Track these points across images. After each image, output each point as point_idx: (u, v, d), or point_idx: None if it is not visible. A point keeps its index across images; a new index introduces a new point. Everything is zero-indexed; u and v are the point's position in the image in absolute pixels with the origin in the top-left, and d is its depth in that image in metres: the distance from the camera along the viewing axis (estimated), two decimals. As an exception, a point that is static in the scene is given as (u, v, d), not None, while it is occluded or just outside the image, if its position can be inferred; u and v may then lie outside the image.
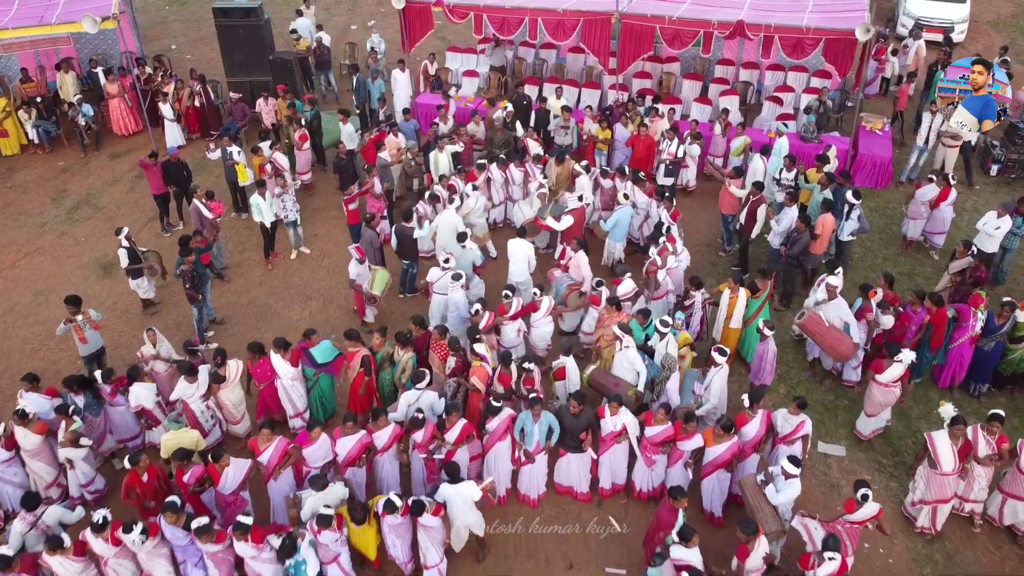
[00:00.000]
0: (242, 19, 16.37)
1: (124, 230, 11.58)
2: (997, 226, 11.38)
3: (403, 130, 14.54)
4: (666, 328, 9.38)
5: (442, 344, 9.44)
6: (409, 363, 9.52)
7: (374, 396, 9.74)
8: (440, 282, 10.69)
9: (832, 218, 11.47)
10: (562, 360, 9.39)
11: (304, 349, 9.56)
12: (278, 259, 13.33)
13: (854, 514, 7.74)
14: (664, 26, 14.41)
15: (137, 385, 9.24)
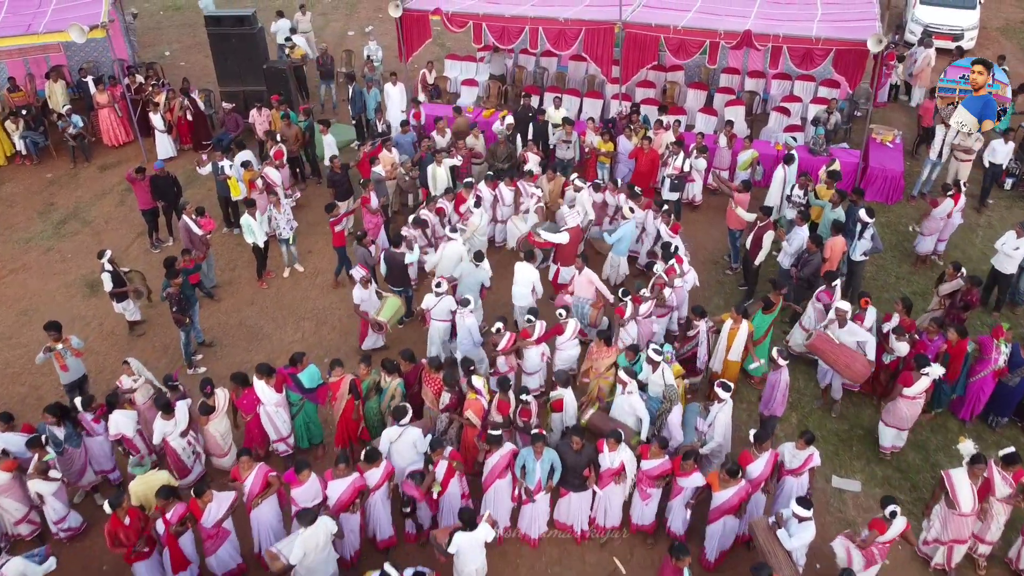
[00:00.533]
0: (235, 27, 15.94)
1: (107, 253, 11.15)
2: (1017, 246, 10.97)
3: (400, 143, 14.11)
4: (659, 357, 8.90)
5: (436, 378, 9.02)
6: (398, 390, 9.13)
7: (362, 427, 9.32)
8: (438, 308, 10.25)
9: (842, 241, 11.03)
10: (560, 392, 8.97)
11: (292, 375, 9.14)
12: (271, 277, 12.90)
13: (886, 534, 7.54)
14: (669, 36, 13.99)
15: (117, 413, 8.83)
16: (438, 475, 8.01)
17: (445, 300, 10.21)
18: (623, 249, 12.08)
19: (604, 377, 9.35)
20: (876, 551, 7.63)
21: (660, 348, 9.24)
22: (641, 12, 14.69)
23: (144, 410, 9.20)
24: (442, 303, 10.20)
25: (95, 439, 9.03)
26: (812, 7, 15.18)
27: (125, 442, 8.96)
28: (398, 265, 11.07)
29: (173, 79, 19.12)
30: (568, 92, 17.02)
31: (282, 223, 12.32)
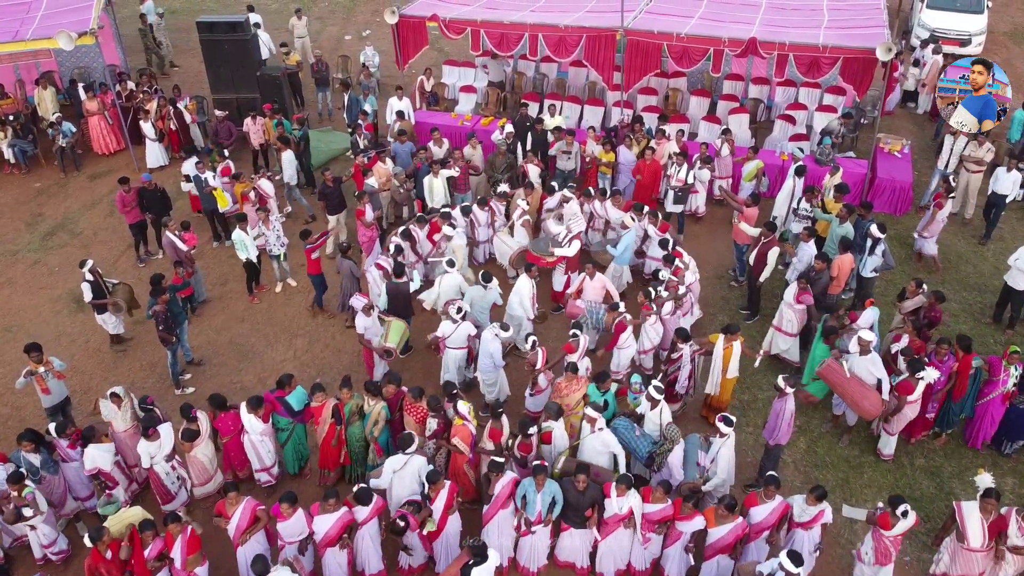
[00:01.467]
0: (227, 34, 15.59)
1: (88, 263, 10.82)
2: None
3: (398, 153, 13.75)
4: (659, 395, 8.44)
5: (418, 406, 8.69)
6: (382, 414, 8.81)
7: (344, 449, 9.01)
8: (456, 336, 9.77)
9: (850, 259, 10.66)
10: (550, 424, 8.58)
11: (280, 398, 8.80)
12: (263, 292, 12.55)
13: (892, 530, 7.53)
14: (672, 43, 13.65)
15: (92, 447, 8.46)
16: (436, 510, 7.66)
17: (463, 327, 9.76)
18: (626, 259, 11.77)
19: (575, 413, 8.90)
20: (889, 544, 7.53)
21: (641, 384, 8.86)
22: (643, 19, 14.35)
23: (123, 439, 8.81)
24: (460, 330, 9.74)
25: (71, 465, 8.67)
26: (818, 13, 14.84)
27: (103, 475, 8.59)
28: (402, 295, 10.48)
29: (165, 86, 18.82)
30: (568, 99, 16.68)
31: (272, 240, 11.96)
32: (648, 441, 8.43)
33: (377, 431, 8.81)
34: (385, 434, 8.94)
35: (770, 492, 7.56)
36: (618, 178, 13.91)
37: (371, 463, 9.12)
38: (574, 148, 13.46)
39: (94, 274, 10.87)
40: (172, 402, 10.55)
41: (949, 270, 12.70)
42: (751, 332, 11.39)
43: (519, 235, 12.04)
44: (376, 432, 8.81)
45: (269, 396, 8.84)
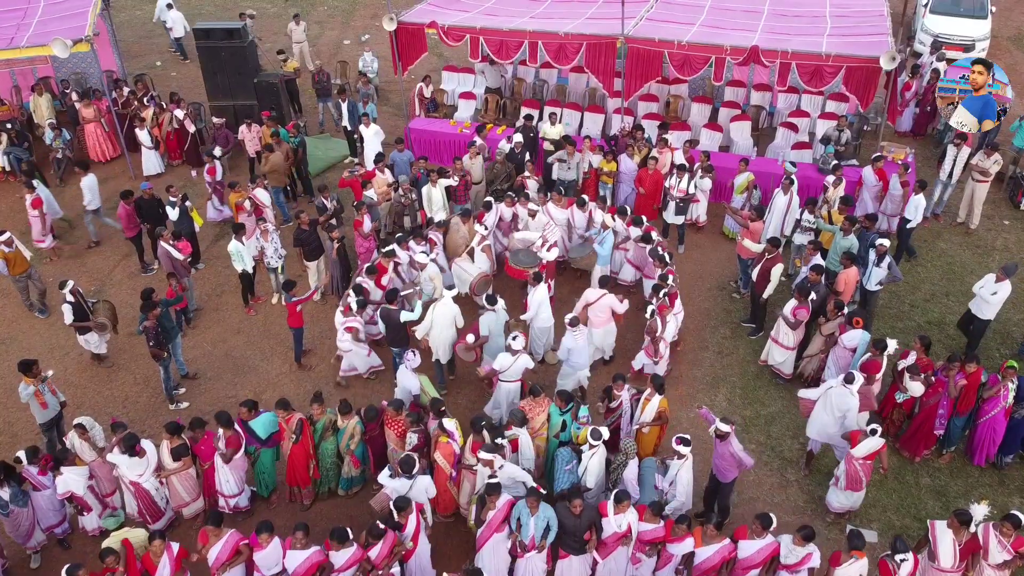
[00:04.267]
0: (224, 40, 15.43)
1: (69, 283, 10.67)
2: (995, 291, 10.17)
3: (396, 161, 13.59)
4: (597, 441, 8.15)
5: (399, 420, 8.59)
6: (357, 429, 8.72)
7: (312, 466, 8.88)
8: (513, 369, 9.33)
9: (855, 272, 10.50)
10: (515, 432, 8.46)
11: (244, 423, 8.61)
12: (259, 303, 12.40)
13: (857, 448, 8.24)
14: (673, 51, 13.49)
15: (66, 470, 8.30)
16: (407, 535, 7.54)
17: (521, 359, 9.33)
18: (606, 258, 11.59)
19: (539, 434, 8.75)
20: (858, 466, 8.18)
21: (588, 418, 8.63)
22: (644, 26, 14.18)
23: (94, 468, 8.62)
24: (518, 363, 9.30)
25: (43, 493, 8.45)
26: (821, 20, 14.68)
27: (76, 499, 8.42)
28: (395, 324, 10.04)
29: (164, 91, 18.66)
30: (568, 106, 16.51)
31: (269, 252, 11.80)
32: (574, 478, 8.23)
33: (353, 444, 8.73)
34: (361, 447, 8.87)
35: (763, 530, 7.34)
36: (619, 188, 13.77)
37: (346, 475, 9.04)
38: (574, 158, 13.27)
39: (75, 295, 10.72)
40: (166, 417, 10.36)
41: (953, 281, 12.55)
42: (753, 346, 11.24)
43: (479, 260, 11.58)
44: (352, 445, 8.74)
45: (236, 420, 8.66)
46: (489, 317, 9.98)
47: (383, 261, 10.97)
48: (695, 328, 11.61)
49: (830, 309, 9.86)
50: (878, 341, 9.28)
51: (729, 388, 10.61)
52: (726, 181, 13.77)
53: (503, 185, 13.16)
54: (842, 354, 9.63)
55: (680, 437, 8.07)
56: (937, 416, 9.30)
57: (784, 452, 9.71)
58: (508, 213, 12.08)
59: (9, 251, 11.33)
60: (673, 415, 10.17)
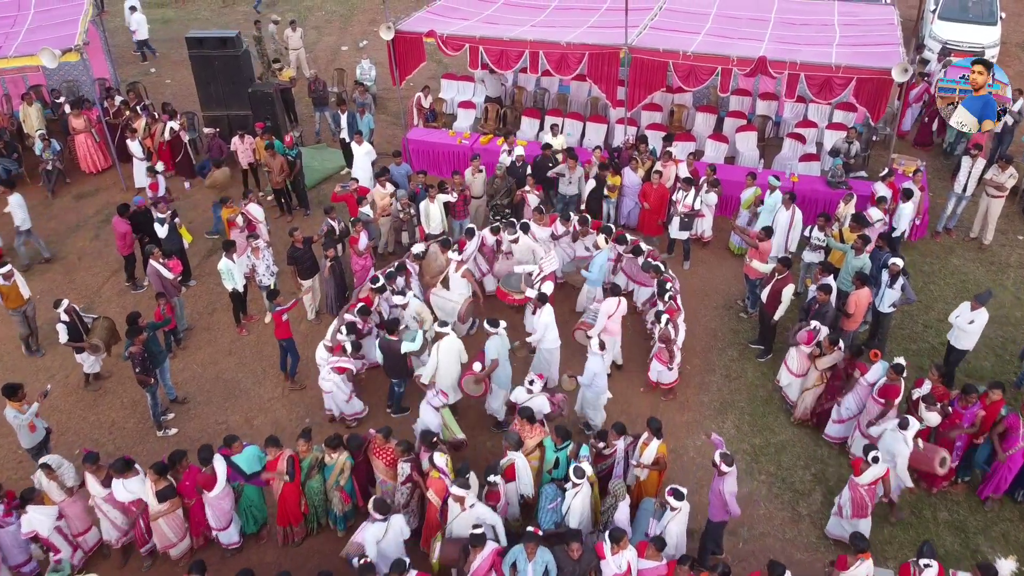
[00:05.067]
0: (217, 49, 15.07)
1: (63, 303, 10.29)
2: (971, 320, 9.76)
3: (394, 175, 13.21)
4: (580, 480, 7.72)
5: (388, 448, 8.22)
6: (347, 463, 8.34)
7: (302, 501, 8.51)
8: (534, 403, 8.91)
9: (867, 293, 10.10)
10: (510, 457, 8.09)
11: (225, 457, 8.21)
12: (252, 322, 12.03)
13: (862, 476, 7.93)
14: (678, 62, 13.11)
15: (32, 509, 7.90)
16: None
17: (538, 399, 8.88)
18: (600, 280, 11.28)
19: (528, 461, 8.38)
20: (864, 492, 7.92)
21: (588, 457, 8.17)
22: (648, 35, 13.80)
23: (64, 508, 8.22)
24: (535, 402, 8.86)
25: (7, 530, 8.06)
26: (830, 29, 14.31)
27: (42, 540, 8.03)
28: (394, 355, 9.60)
29: (158, 99, 18.31)
30: (570, 116, 16.14)
31: (261, 270, 11.42)
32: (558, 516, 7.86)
33: (343, 480, 8.37)
34: (349, 482, 8.50)
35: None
36: (623, 202, 13.40)
37: (335, 510, 8.67)
38: (577, 172, 12.88)
39: (70, 313, 10.36)
40: (153, 444, 10.08)
41: (968, 299, 12.12)
42: (762, 369, 10.87)
43: (457, 287, 10.95)
44: (342, 481, 8.37)
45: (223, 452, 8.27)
46: (495, 341, 9.53)
47: (372, 295, 10.39)
48: (701, 350, 11.24)
49: (825, 344, 9.38)
50: (896, 365, 8.89)
51: (737, 414, 10.23)
52: (733, 194, 13.40)
53: (503, 200, 12.79)
54: (864, 391, 9.22)
55: (673, 489, 7.63)
56: (952, 449, 8.93)
57: (796, 484, 9.33)
58: (491, 240, 11.63)
59: (5, 284, 10.80)
60: (680, 442, 9.85)
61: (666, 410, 10.26)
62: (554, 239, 11.80)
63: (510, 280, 10.94)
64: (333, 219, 11.75)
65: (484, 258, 11.74)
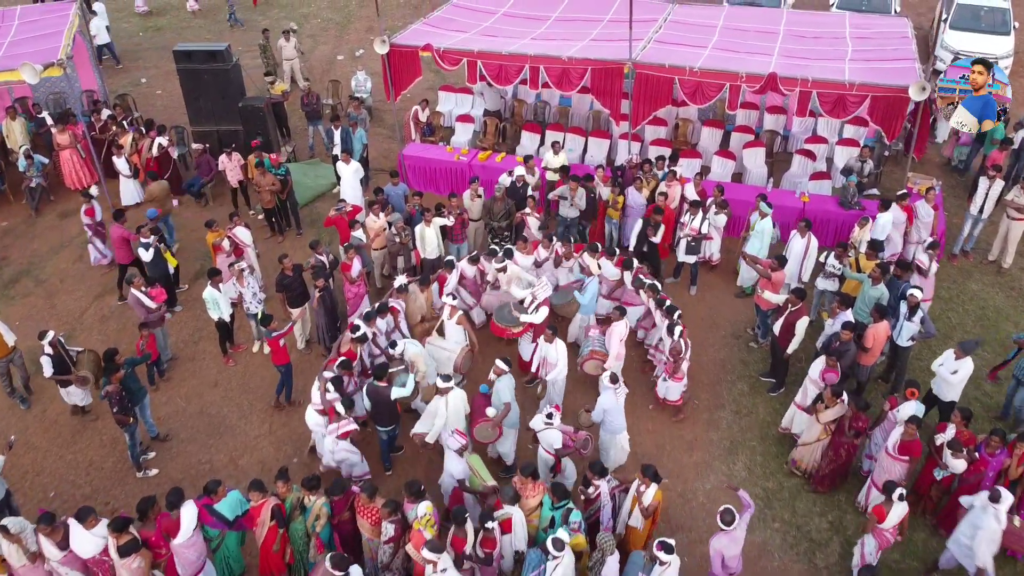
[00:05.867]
0: (206, 63, 14.54)
1: (48, 335, 9.77)
2: (954, 370, 9.11)
3: (390, 196, 12.68)
4: (560, 552, 7.09)
5: (372, 508, 7.72)
6: (323, 510, 7.83)
7: (288, 551, 8.00)
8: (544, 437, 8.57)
9: (885, 327, 9.56)
10: (507, 511, 7.57)
11: (208, 506, 7.69)
12: (239, 351, 11.50)
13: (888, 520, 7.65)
14: (684, 78, 12.58)
15: None
16: None
17: (552, 433, 8.46)
18: (592, 307, 10.82)
19: (530, 520, 7.90)
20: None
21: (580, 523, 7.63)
22: (653, 49, 13.28)
23: (23, 573, 7.67)
24: (549, 435, 8.49)
25: None
26: (841, 43, 13.78)
27: None
28: (383, 402, 8.95)
29: (148, 111, 17.82)
30: (572, 130, 15.63)
31: (247, 297, 10.89)
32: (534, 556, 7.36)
33: (319, 526, 7.84)
34: (327, 529, 7.97)
35: None
36: (627, 223, 12.87)
37: (312, 559, 8.10)
38: (577, 195, 12.33)
39: (55, 346, 9.84)
40: (133, 487, 9.56)
41: (987, 327, 11.64)
42: (774, 405, 10.34)
43: (453, 335, 10.19)
44: (318, 527, 7.85)
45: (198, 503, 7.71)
46: (506, 382, 8.94)
47: (353, 347, 9.58)
48: (709, 382, 10.72)
49: (827, 396, 8.75)
50: (916, 418, 8.36)
51: (748, 454, 9.70)
52: (741, 215, 12.88)
53: (502, 222, 12.27)
54: (891, 427, 8.69)
55: (662, 542, 7.06)
56: None
57: (812, 532, 8.80)
58: (471, 271, 11.05)
59: None
60: (688, 485, 9.34)
61: (673, 450, 9.75)
62: (536, 266, 11.27)
63: (504, 313, 10.34)
64: (320, 253, 11.13)
65: (467, 291, 11.11)
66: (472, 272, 11.06)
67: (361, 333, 9.51)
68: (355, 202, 12.70)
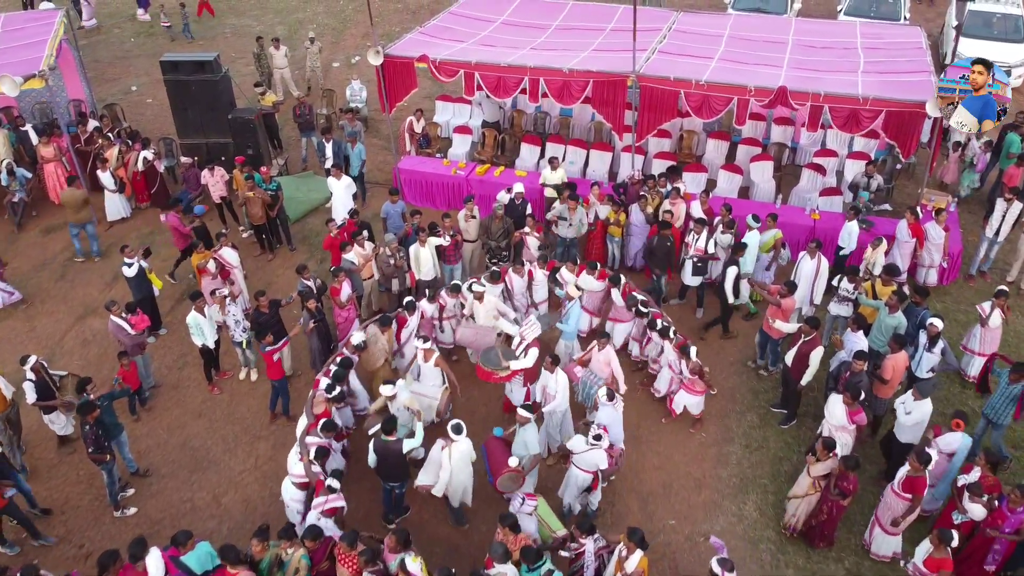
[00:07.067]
0: (194, 74, 14.04)
1: (31, 359, 9.30)
2: (909, 411, 8.52)
3: (389, 215, 12.16)
4: None
5: (352, 556, 7.17)
6: (302, 563, 7.28)
7: None
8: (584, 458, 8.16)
9: (904, 358, 9.05)
10: (498, 570, 7.04)
11: (174, 558, 7.15)
12: (225, 378, 11.00)
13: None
14: (690, 91, 12.08)
15: None
16: None
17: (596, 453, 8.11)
18: (573, 334, 10.38)
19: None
20: None
21: None
22: (657, 61, 12.77)
23: None
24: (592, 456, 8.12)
25: None
26: (853, 54, 13.28)
27: None
28: (394, 455, 8.21)
29: (138, 120, 17.33)
30: (572, 143, 15.13)
31: (231, 324, 10.38)
32: None
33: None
34: None
35: None
36: (629, 242, 12.37)
37: None
38: (577, 213, 11.81)
39: (37, 371, 9.36)
40: (110, 528, 9.06)
41: (1010, 353, 11.08)
42: (786, 438, 9.83)
43: (430, 378, 9.60)
44: None
45: (165, 556, 7.20)
46: (531, 431, 8.38)
47: (328, 406, 8.83)
48: (718, 413, 10.21)
49: (819, 448, 8.10)
50: (921, 453, 7.82)
51: (760, 493, 9.19)
52: (749, 233, 12.39)
53: (500, 242, 11.77)
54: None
55: None
56: (991, 551, 7.86)
57: (829, 581, 8.30)
58: (431, 309, 10.42)
59: None
60: (696, 527, 8.85)
61: (680, 489, 9.24)
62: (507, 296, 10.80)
63: (490, 357, 9.59)
64: (307, 278, 10.61)
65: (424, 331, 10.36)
66: (431, 311, 10.42)
67: (337, 392, 8.87)
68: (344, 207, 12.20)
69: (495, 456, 8.37)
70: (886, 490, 8.17)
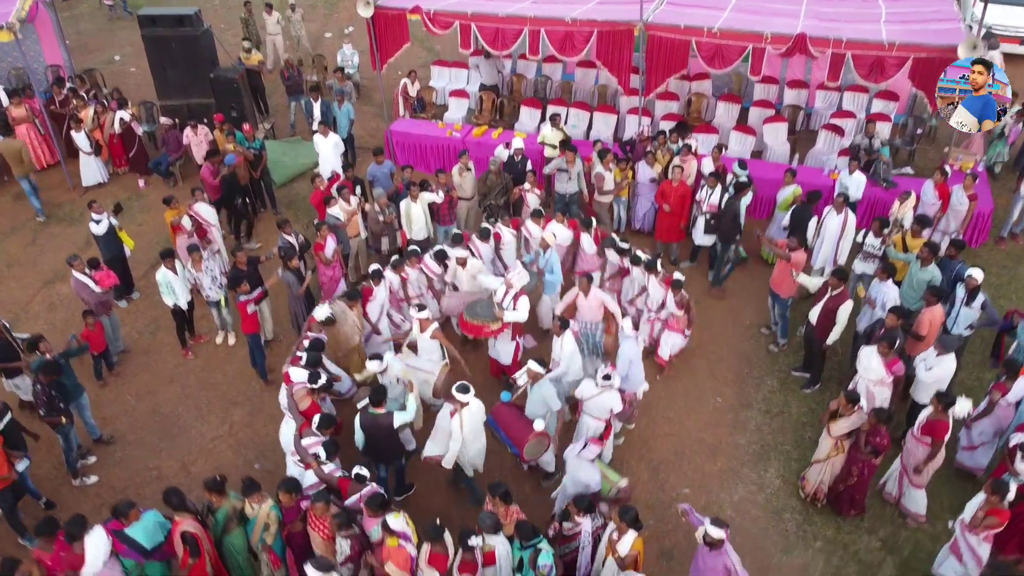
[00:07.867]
0: (174, 28, 13.25)
1: None
2: (931, 366, 7.82)
3: (376, 177, 11.35)
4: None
5: (324, 519, 6.39)
6: (272, 515, 6.55)
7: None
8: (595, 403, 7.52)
9: (941, 312, 8.24)
10: (490, 543, 6.28)
11: (117, 531, 6.34)
12: (200, 342, 10.20)
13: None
14: (702, 40, 11.27)
15: None
16: None
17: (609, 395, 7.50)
18: (557, 284, 9.55)
19: None
20: None
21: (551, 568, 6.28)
22: (666, 10, 11.96)
23: None
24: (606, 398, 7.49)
25: None
26: (874, 4, 12.46)
27: None
28: (385, 432, 7.33)
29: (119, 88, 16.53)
30: (575, 105, 14.32)
31: (206, 283, 9.57)
32: None
33: (269, 537, 6.57)
34: (279, 540, 6.68)
35: None
36: (637, 202, 11.57)
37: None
38: (576, 167, 10.99)
39: (0, 332, 8.57)
40: (67, 496, 8.26)
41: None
42: (809, 403, 9.01)
43: (427, 351, 8.55)
44: (268, 539, 6.58)
45: (106, 528, 6.37)
46: (547, 386, 7.59)
47: (316, 399, 7.75)
48: (734, 379, 9.40)
49: (842, 403, 7.32)
50: (942, 394, 7.12)
51: (782, 460, 8.37)
52: (764, 194, 11.60)
53: (499, 200, 10.97)
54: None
55: None
56: None
57: (860, 553, 7.47)
58: (396, 281, 9.35)
59: None
60: (712, 496, 8.05)
61: (694, 456, 8.43)
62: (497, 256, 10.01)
63: (476, 309, 8.74)
64: (288, 233, 9.74)
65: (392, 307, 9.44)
66: (397, 283, 9.36)
67: (324, 381, 7.85)
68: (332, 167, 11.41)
69: (510, 424, 7.58)
70: (907, 435, 7.50)
